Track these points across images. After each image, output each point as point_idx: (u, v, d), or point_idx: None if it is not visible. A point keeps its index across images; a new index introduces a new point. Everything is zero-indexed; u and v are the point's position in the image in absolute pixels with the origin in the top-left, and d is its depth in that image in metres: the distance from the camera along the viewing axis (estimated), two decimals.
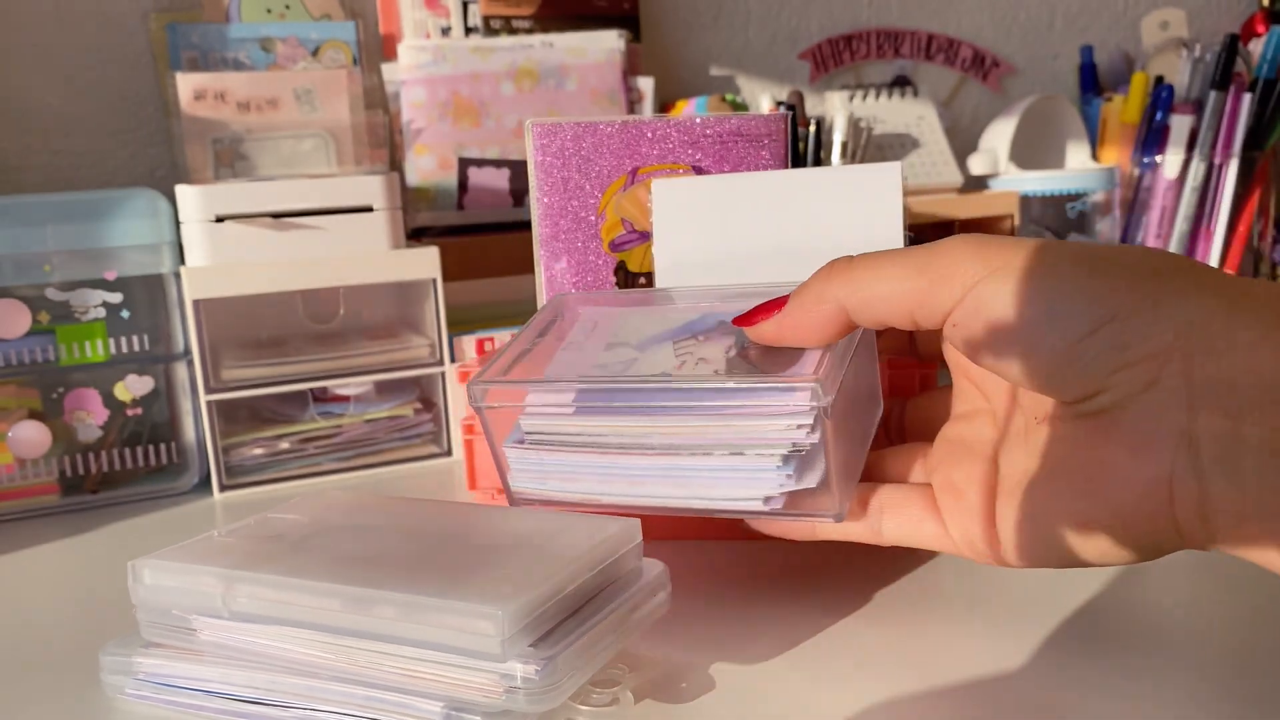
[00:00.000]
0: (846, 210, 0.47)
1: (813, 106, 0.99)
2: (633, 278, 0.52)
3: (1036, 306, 0.26)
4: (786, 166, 0.52)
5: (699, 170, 0.51)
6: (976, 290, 0.27)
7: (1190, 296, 0.24)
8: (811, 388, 0.34)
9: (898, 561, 0.43)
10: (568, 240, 0.51)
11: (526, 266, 0.79)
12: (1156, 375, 0.24)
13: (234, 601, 0.32)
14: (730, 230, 0.48)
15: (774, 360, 0.37)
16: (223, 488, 0.60)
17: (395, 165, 0.81)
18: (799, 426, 0.35)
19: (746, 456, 0.36)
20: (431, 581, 0.31)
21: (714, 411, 0.36)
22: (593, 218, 0.51)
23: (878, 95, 0.94)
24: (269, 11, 0.79)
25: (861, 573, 0.43)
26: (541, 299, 0.52)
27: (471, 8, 0.86)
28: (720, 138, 0.51)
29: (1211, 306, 0.24)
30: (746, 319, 0.36)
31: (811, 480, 0.35)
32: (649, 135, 0.51)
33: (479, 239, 0.78)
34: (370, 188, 0.62)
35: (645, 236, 0.51)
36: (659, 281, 0.49)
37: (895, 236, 0.46)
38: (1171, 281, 0.24)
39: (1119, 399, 0.25)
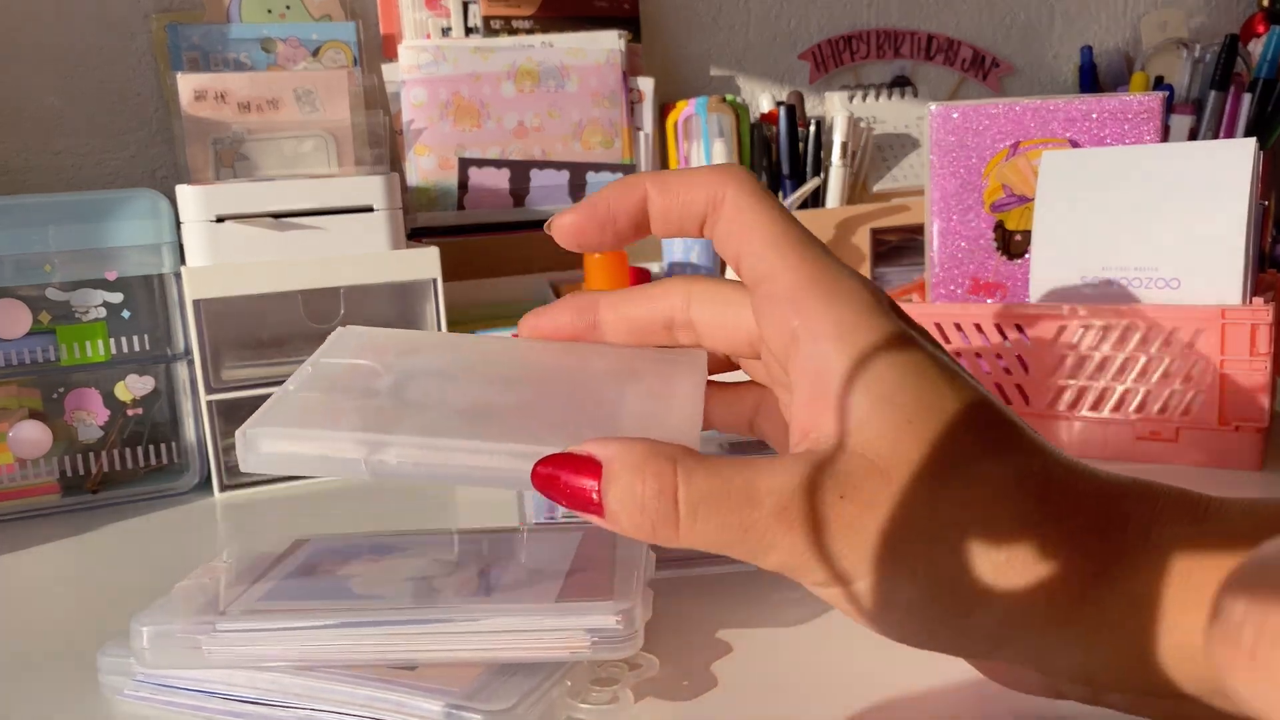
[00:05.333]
0: (1197, 184, 0.51)
1: (812, 107, 0.99)
2: (1009, 234, 0.61)
3: None
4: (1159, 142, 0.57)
5: (1074, 144, 0.58)
6: None
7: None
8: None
9: None
10: (955, 201, 0.61)
11: (527, 266, 0.80)
12: None
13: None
14: (1100, 196, 0.54)
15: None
16: (223, 487, 0.60)
17: (396, 165, 0.81)
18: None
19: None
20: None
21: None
22: (977, 183, 0.60)
23: (877, 95, 0.94)
24: (269, 12, 0.80)
25: None
26: (931, 248, 0.61)
27: (472, 8, 0.86)
28: (1097, 116, 0.58)
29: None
30: None
31: None
32: (1030, 115, 0.59)
33: (479, 239, 0.78)
34: (370, 188, 0.62)
35: (1022, 200, 0.60)
36: (1036, 236, 0.55)
37: (1240, 212, 0.50)
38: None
39: None
